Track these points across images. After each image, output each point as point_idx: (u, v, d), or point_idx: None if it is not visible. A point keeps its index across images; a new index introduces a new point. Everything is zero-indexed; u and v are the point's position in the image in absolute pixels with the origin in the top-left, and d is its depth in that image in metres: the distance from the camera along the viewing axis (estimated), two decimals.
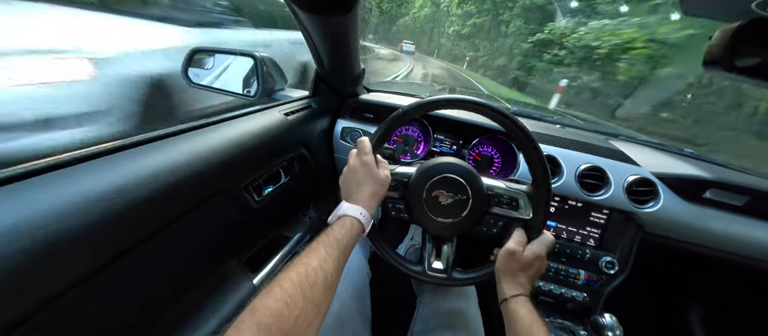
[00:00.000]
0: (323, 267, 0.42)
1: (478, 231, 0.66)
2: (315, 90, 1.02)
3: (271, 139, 0.74)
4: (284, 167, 0.84)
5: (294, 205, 1.06)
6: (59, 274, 0.35)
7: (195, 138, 0.58)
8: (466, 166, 0.64)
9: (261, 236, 0.89)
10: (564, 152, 0.94)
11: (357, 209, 0.54)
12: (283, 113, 0.83)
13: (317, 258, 0.43)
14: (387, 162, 0.64)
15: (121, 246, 0.42)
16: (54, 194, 0.36)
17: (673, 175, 0.90)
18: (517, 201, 0.63)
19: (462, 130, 1.08)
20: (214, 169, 0.57)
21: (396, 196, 0.66)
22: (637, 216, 0.88)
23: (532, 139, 0.59)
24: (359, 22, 0.70)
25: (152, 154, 0.49)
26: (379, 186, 0.58)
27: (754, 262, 0.87)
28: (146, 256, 0.47)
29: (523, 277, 0.58)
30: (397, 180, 0.65)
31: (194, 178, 0.53)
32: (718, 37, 0.44)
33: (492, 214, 0.64)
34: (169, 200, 0.48)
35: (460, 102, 0.61)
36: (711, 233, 0.87)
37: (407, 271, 0.67)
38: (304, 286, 0.38)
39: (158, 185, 0.45)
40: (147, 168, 0.46)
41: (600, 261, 0.91)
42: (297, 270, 0.40)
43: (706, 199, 0.88)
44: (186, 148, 0.54)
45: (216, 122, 0.65)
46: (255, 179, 0.72)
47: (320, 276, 0.41)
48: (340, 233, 0.49)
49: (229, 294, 0.72)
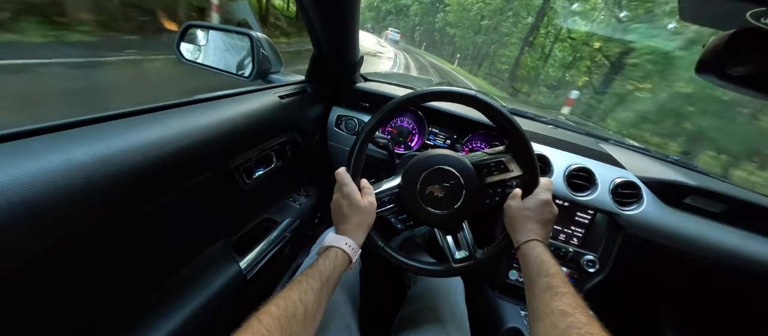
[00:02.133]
0: (303, 299, 0.42)
1: (482, 206, 0.66)
2: (311, 75, 1.01)
3: (263, 121, 0.73)
4: (276, 151, 0.83)
5: (284, 189, 1.05)
6: (35, 240, 0.34)
7: (188, 114, 0.57)
8: (445, 152, 0.64)
9: (249, 219, 0.88)
10: (555, 152, 0.96)
11: (342, 239, 0.55)
12: (278, 96, 0.82)
13: (298, 290, 0.43)
14: (372, 188, 0.63)
15: (103, 218, 0.41)
16: (36, 159, 0.35)
17: (657, 179, 0.93)
18: (505, 163, 0.63)
19: (457, 125, 1.09)
20: (205, 147, 0.56)
21: (395, 209, 0.66)
22: (620, 217, 0.91)
23: (523, 136, 0.59)
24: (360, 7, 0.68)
25: (142, 126, 0.47)
26: (363, 215, 0.59)
27: (727, 269, 0.91)
28: (129, 230, 0.46)
29: (531, 223, 0.58)
30: (388, 194, 0.65)
31: (184, 155, 0.51)
32: (712, 44, 0.45)
33: (488, 185, 0.65)
34: (157, 174, 0.47)
35: (439, 94, 0.61)
36: (689, 238, 0.90)
37: (435, 274, 0.66)
38: (283, 320, 0.38)
39: (146, 158, 0.44)
40: (135, 140, 0.44)
41: (581, 259, 0.94)
42: (277, 303, 0.40)
43: (686, 204, 0.92)
44: (178, 124, 0.52)
45: (209, 99, 0.64)
46: (246, 161, 0.71)
47: (300, 309, 0.41)
48: (323, 265, 0.49)
49: (214, 275, 0.71)
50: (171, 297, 0.62)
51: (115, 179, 0.40)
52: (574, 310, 0.40)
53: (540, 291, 0.46)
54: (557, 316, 0.40)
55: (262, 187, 0.83)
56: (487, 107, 0.59)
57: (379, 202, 0.63)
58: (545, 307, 0.43)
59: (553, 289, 0.45)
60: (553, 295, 0.44)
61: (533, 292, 0.48)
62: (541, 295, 0.45)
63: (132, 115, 0.49)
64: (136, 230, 0.49)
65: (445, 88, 0.62)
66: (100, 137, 0.42)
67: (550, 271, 0.48)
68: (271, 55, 0.97)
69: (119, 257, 0.48)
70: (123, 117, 0.47)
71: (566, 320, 0.39)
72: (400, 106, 0.62)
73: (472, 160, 0.64)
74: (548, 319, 0.41)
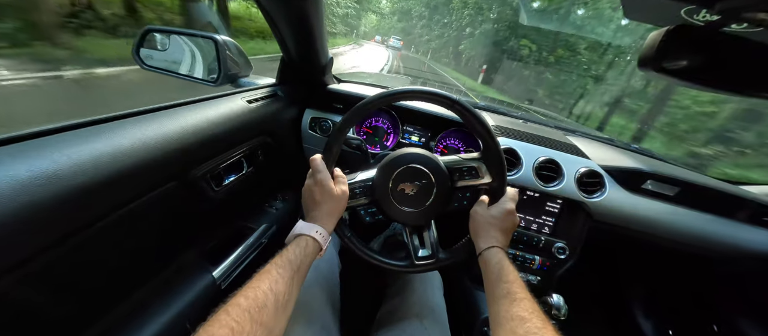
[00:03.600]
0: (274, 289, 0.42)
1: (451, 208, 0.68)
2: (281, 78, 0.99)
3: (231, 126, 0.71)
4: (247, 156, 0.81)
5: (259, 195, 1.04)
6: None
7: (146, 123, 0.54)
8: (421, 152, 0.66)
9: (222, 227, 0.86)
10: (524, 145, 0.99)
11: (313, 227, 0.55)
12: (246, 100, 0.80)
13: (268, 280, 0.43)
14: (344, 177, 0.64)
15: (50, 238, 0.39)
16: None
17: (618, 167, 0.98)
18: (477, 169, 0.65)
19: (431, 123, 1.11)
20: (166, 156, 0.54)
21: (365, 202, 0.66)
22: (586, 205, 0.95)
23: (479, 119, 0.60)
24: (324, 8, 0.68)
25: (93, 138, 0.45)
26: (335, 202, 0.59)
27: (682, 247, 0.98)
28: (82, 249, 0.44)
29: (494, 231, 0.61)
30: (361, 186, 0.65)
31: (142, 166, 0.49)
32: (649, 40, 0.49)
33: (458, 188, 0.66)
34: (111, 188, 0.45)
35: (402, 94, 0.62)
36: (647, 220, 0.96)
37: (396, 268, 0.67)
38: (253, 310, 0.38)
39: (98, 172, 0.42)
40: (85, 153, 0.42)
41: (553, 247, 0.98)
42: (246, 294, 0.40)
43: (645, 189, 0.98)
44: (134, 134, 0.50)
45: (169, 107, 0.62)
46: (213, 168, 0.69)
47: (270, 298, 0.41)
48: (293, 254, 0.49)
49: (186, 286, 0.69)
50: (139, 310, 0.60)
51: (64, 197, 0.39)
52: (530, 315, 0.43)
53: (500, 297, 0.48)
54: (516, 322, 0.43)
55: (234, 194, 0.81)
56: (466, 112, 0.61)
57: (351, 193, 0.63)
58: (505, 313, 0.45)
59: (511, 295, 0.47)
60: (512, 301, 0.46)
61: (493, 297, 0.50)
62: (500, 300, 0.48)
63: (82, 126, 0.46)
64: (94, 245, 0.47)
65: (429, 88, 0.62)
66: (45, 152, 0.40)
67: (509, 277, 0.50)
68: (239, 58, 0.95)
69: (77, 274, 0.46)
70: (71, 129, 0.45)
71: (524, 326, 0.41)
72: (384, 98, 0.61)
73: (445, 163, 0.66)
74: (508, 324, 0.43)
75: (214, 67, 0.84)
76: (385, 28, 58.54)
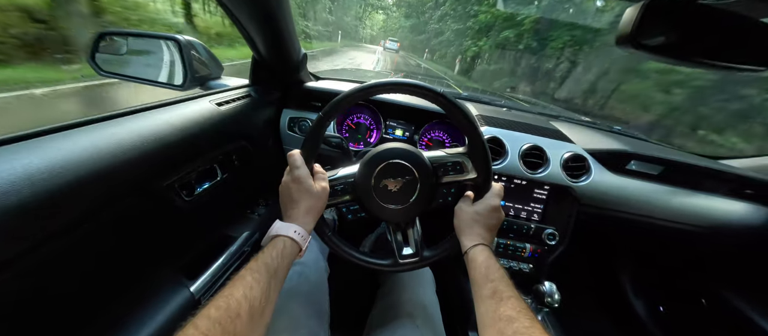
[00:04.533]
0: (248, 296, 0.39)
1: (436, 205, 0.66)
2: (254, 78, 0.95)
3: (199, 131, 0.67)
4: (220, 162, 0.77)
5: (239, 201, 0.99)
6: None
7: (98, 132, 0.50)
8: (405, 147, 0.63)
9: (199, 238, 0.81)
10: (509, 133, 0.98)
11: (290, 227, 0.51)
12: (215, 103, 0.75)
13: (242, 287, 0.40)
14: (324, 173, 0.60)
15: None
16: None
17: (601, 150, 0.98)
18: (462, 164, 0.63)
19: (414, 116, 1.08)
20: (124, 167, 0.50)
21: (349, 199, 0.64)
22: (573, 189, 0.95)
23: (459, 107, 0.58)
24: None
25: (24, 153, 0.40)
26: (314, 200, 0.55)
27: (668, 224, 0.99)
28: (22, 278, 0.40)
29: (479, 228, 0.59)
30: (343, 183, 0.62)
31: (94, 180, 0.45)
32: (626, 16, 0.47)
33: (443, 184, 0.64)
34: (56, 207, 0.40)
35: (385, 85, 0.59)
36: (633, 200, 0.96)
37: (379, 267, 0.65)
38: (224, 320, 0.35)
39: (34, 190, 0.38)
40: (18, 170, 0.38)
41: (543, 234, 0.98)
42: (217, 304, 0.37)
43: (629, 170, 0.98)
44: (84, 144, 0.46)
45: (127, 113, 0.57)
46: (182, 177, 0.65)
47: (244, 306, 0.38)
48: (269, 257, 0.46)
49: (160, 304, 0.65)
50: (108, 333, 0.55)
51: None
52: (518, 314, 0.42)
53: (486, 297, 0.48)
54: (504, 323, 0.42)
55: (209, 202, 0.77)
56: (451, 105, 0.58)
57: (332, 190, 0.60)
58: (492, 313, 0.45)
59: (498, 294, 0.46)
60: (499, 300, 0.45)
61: (480, 297, 0.49)
62: (487, 300, 0.47)
63: (18, 140, 0.42)
64: (45, 269, 0.43)
65: (411, 81, 0.59)
66: None
67: (495, 275, 0.50)
68: (207, 59, 0.90)
69: (29, 301, 0.42)
70: (4, 144, 0.40)
71: (512, 326, 0.41)
72: (363, 91, 0.58)
73: (430, 158, 0.63)
74: (496, 325, 0.43)
75: (178, 68, 0.79)
76: (393, 29, 52.79)
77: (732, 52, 0.51)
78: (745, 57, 0.51)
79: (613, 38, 0.51)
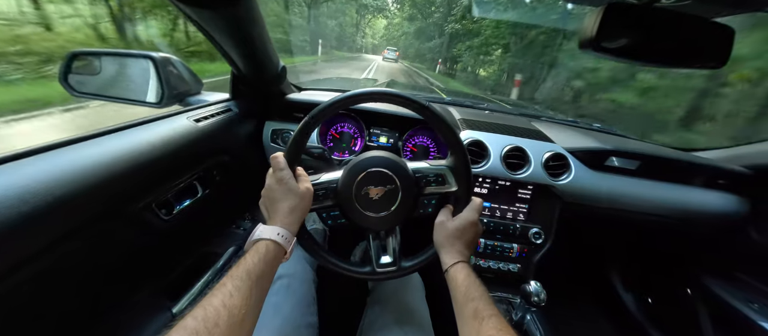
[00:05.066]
0: (227, 304, 0.38)
1: (416, 215, 0.66)
2: (234, 92, 0.94)
3: (176, 149, 0.66)
4: (200, 178, 0.76)
5: (222, 217, 0.98)
6: None
7: (63, 156, 0.48)
8: (389, 156, 0.64)
9: (181, 257, 0.80)
10: (490, 136, 0.99)
11: (273, 230, 0.50)
12: (193, 120, 0.75)
13: (221, 295, 0.39)
14: (308, 176, 0.61)
15: None
16: None
17: (581, 148, 1.00)
18: (444, 176, 0.64)
19: (397, 123, 1.09)
20: (93, 191, 0.49)
21: (330, 205, 0.63)
22: (556, 188, 0.97)
23: (436, 114, 0.59)
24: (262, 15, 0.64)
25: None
26: (297, 200, 0.55)
27: (648, 217, 1.01)
28: (4, 299, 0.39)
29: (459, 245, 0.60)
30: (325, 188, 0.62)
31: (64, 203, 0.44)
32: (587, 21, 0.49)
33: (425, 195, 0.65)
34: (25, 234, 0.39)
35: (369, 95, 0.59)
36: (614, 195, 0.99)
37: (357, 275, 0.65)
38: (201, 330, 0.34)
39: (4, 216, 0.37)
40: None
41: (529, 233, 0.99)
42: (194, 314, 0.36)
43: (608, 166, 1.00)
44: (44, 169, 0.44)
45: (94, 136, 0.56)
46: (158, 196, 0.64)
47: (223, 315, 0.37)
48: (251, 262, 0.45)
49: (141, 327, 0.63)
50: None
51: None
52: (498, 332, 0.43)
53: (468, 317, 0.48)
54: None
55: (190, 221, 0.75)
56: (436, 119, 0.59)
57: (314, 195, 0.60)
58: (474, 333, 0.46)
59: (479, 314, 0.47)
60: (480, 321, 0.46)
61: (462, 318, 0.50)
62: (470, 321, 0.48)
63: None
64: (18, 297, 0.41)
65: (396, 91, 0.59)
66: None
67: (475, 294, 0.50)
68: (185, 75, 0.90)
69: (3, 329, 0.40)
70: None
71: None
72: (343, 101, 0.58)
73: (413, 169, 0.64)
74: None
75: (154, 85, 0.78)
76: (396, 36, 47.16)
77: (688, 51, 0.53)
78: (701, 55, 0.53)
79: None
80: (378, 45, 54.87)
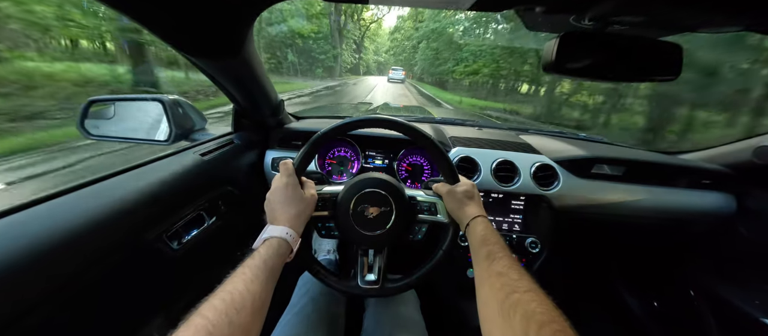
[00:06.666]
0: (250, 289, 0.41)
1: (405, 239, 0.69)
2: (236, 126, 1.01)
3: (183, 182, 0.71)
4: (207, 209, 0.81)
5: (229, 244, 1.01)
6: None
7: (74, 202, 0.53)
8: (389, 179, 0.68)
9: (191, 285, 0.83)
10: (480, 152, 1.05)
11: (282, 229, 0.54)
12: (199, 154, 0.81)
13: (243, 281, 0.41)
14: (313, 183, 0.66)
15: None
16: None
17: (568, 157, 1.05)
18: (435, 206, 0.69)
19: (391, 144, 1.15)
20: (110, 226, 0.54)
21: (326, 215, 0.67)
22: (546, 197, 1.00)
23: (427, 137, 0.66)
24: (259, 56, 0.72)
25: (20, 221, 0.44)
26: (304, 205, 0.59)
27: (640, 221, 1.04)
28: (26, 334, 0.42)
29: (472, 204, 0.64)
30: (325, 199, 0.67)
31: (82, 242, 0.49)
32: (547, 47, 0.55)
33: (418, 222, 0.69)
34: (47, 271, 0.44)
35: (369, 121, 0.67)
36: (603, 202, 1.02)
37: (341, 288, 0.68)
38: (231, 312, 0.36)
39: (33, 254, 0.41)
40: (17, 239, 0.41)
41: (525, 243, 1.02)
42: (222, 296, 0.38)
43: (594, 173, 1.04)
44: (67, 211, 0.49)
45: (108, 177, 0.61)
46: (168, 228, 0.68)
47: (247, 299, 0.39)
48: (266, 254, 0.48)
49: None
50: None
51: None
52: (508, 269, 0.46)
53: (482, 258, 0.52)
54: (495, 278, 0.46)
55: (199, 248, 0.79)
56: (432, 148, 0.66)
57: (315, 204, 0.64)
58: (485, 271, 0.49)
59: (492, 255, 0.51)
60: (492, 260, 0.50)
61: (477, 260, 0.54)
62: (482, 262, 0.51)
63: (19, 209, 0.46)
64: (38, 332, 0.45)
65: (379, 116, 0.67)
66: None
67: (491, 240, 0.54)
68: (191, 113, 0.96)
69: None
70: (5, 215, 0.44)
71: (501, 280, 0.45)
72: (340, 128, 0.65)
73: (410, 196, 0.69)
74: (488, 281, 0.47)
75: (164, 126, 0.85)
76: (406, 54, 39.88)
77: (645, 67, 0.59)
78: (657, 70, 0.59)
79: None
80: (384, 62, 52.26)
